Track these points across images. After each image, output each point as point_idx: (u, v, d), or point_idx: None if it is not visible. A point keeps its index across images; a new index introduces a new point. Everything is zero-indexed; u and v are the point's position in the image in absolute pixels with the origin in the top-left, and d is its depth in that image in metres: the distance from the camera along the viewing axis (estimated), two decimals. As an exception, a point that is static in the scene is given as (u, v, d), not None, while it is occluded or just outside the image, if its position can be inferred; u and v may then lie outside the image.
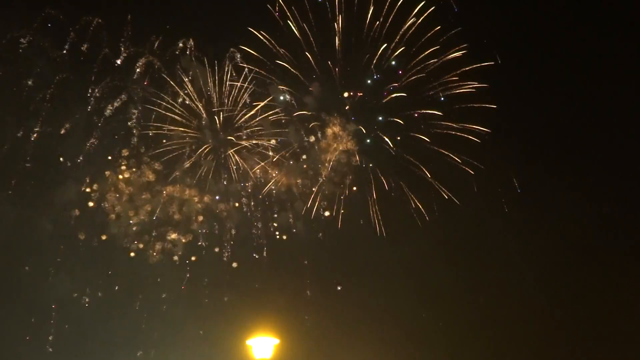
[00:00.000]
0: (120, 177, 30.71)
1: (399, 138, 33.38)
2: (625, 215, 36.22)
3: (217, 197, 32.47)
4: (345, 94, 33.35)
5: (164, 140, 30.94)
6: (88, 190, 29.98)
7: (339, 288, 34.36)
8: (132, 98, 30.61)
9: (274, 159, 32.43)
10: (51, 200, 30.12)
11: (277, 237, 33.21)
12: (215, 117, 31.57)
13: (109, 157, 30.56)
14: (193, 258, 32.01)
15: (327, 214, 33.08)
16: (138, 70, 30.71)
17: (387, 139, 33.24)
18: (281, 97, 32.12)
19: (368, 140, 33.84)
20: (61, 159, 29.96)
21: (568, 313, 34.08)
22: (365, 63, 32.47)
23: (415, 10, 31.42)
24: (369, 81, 33.31)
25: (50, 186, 30.39)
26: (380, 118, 33.53)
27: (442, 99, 32.11)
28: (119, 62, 30.55)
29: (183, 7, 33.04)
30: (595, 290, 34.08)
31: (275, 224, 33.16)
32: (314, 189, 32.74)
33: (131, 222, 30.60)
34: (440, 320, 35.42)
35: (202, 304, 31.87)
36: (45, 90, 29.38)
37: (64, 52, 30.04)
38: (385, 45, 31.84)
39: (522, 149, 36.30)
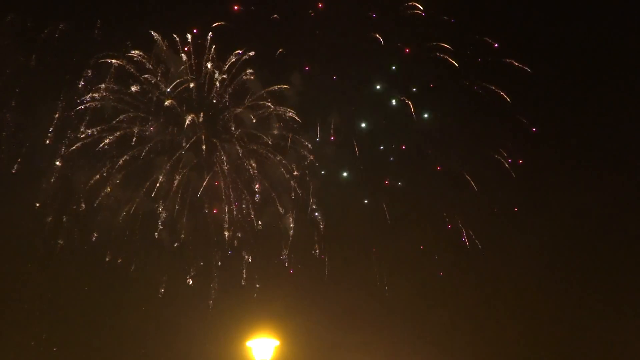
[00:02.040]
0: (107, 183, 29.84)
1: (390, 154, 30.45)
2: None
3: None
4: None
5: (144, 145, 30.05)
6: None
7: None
8: (106, 100, 29.67)
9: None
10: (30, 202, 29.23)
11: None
12: (194, 116, 30.66)
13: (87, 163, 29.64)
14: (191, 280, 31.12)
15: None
16: (112, 71, 29.76)
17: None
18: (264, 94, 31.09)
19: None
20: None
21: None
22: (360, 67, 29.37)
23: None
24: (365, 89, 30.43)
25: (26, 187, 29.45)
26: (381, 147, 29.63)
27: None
28: (91, 66, 29.62)
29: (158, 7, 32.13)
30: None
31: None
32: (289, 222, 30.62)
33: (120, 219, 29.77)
34: (441, 320, 33.70)
35: (201, 305, 31.04)
36: (15, 93, 28.48)
37: (33, 57, 29.06)
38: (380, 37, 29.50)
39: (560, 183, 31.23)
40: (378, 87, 30.92)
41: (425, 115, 30.00)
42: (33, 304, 29.16)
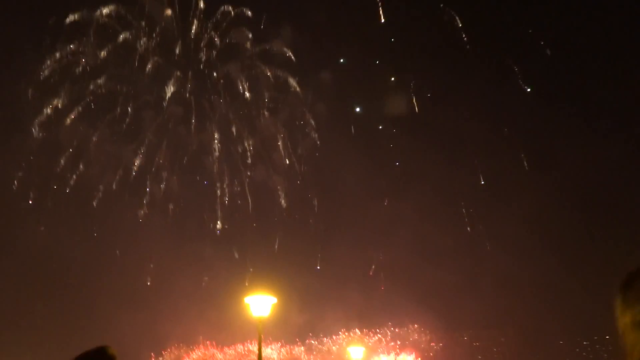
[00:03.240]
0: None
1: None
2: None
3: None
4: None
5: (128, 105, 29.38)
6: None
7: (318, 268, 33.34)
8: (89, 58, 28.79)
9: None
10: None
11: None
12: (180, 74, 29.83)
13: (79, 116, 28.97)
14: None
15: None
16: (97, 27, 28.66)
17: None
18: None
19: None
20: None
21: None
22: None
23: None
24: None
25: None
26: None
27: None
28: (72, 22, 28.52)
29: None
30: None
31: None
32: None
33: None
34: (438, 281, 33.88)
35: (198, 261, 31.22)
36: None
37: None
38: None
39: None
40: (377, 62, 30.64)
41: (429, 95, 29.95)
42: (23, 268, 29.14)
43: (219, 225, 30.80)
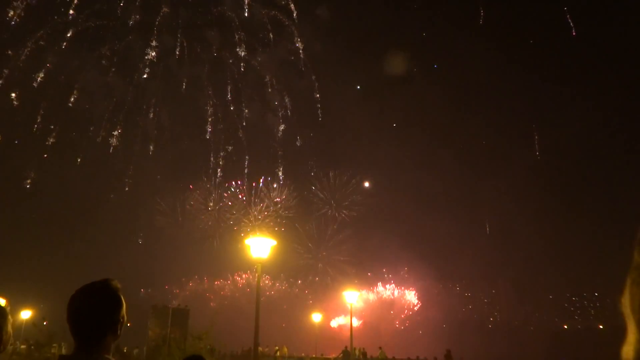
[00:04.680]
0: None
1: None
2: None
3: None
4: None
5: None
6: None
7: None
8: None
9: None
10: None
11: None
12: (167, 10, 28.99)
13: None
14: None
15: None
16: None
17: None
18: None
19: None
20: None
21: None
22: None
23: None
24: None
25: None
26: None
27: None
28: None
29: None
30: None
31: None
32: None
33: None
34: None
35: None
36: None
37: None
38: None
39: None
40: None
41: (435, 65, 29.35)
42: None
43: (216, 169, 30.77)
